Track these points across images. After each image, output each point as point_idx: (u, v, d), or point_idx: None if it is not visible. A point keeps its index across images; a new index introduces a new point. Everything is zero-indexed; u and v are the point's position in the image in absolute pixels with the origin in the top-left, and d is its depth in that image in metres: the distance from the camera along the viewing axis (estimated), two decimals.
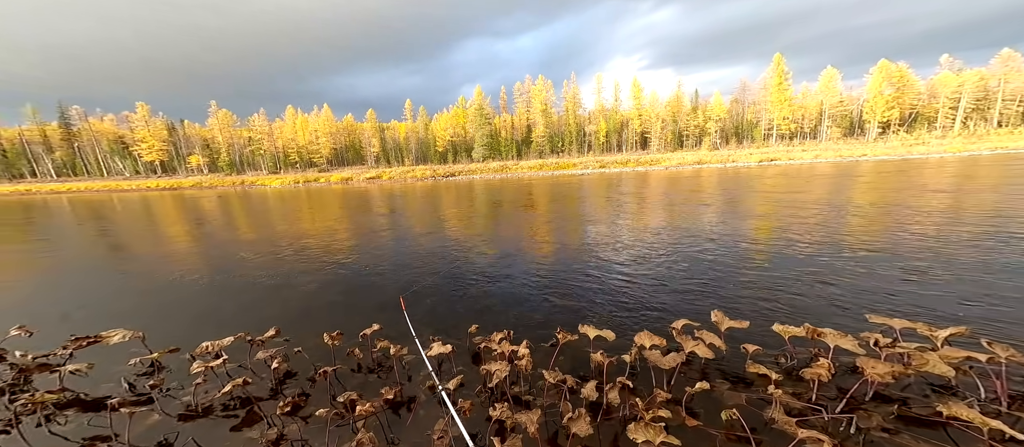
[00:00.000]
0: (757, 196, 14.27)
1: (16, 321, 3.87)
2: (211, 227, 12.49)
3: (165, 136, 61.79)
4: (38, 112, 61.00)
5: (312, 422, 2.65)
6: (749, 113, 60.78)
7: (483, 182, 31.52)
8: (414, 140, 68.49)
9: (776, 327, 3.29)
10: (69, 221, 15.79)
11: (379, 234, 10.01)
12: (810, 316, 4.07)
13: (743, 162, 37.17)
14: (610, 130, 63.21)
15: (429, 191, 24.77)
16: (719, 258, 6.44)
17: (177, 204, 22.11)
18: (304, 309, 4.98)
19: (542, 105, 62.03)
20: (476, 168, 45.69)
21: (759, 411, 2.69)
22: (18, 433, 2.62)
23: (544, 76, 63.31)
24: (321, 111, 65.98)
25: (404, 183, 35.01)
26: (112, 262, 8.31)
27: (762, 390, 2.91)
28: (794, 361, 3.29)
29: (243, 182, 44.69)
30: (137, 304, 5.54)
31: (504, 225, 10.72)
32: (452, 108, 67.76)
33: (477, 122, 60.34)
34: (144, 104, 59.65)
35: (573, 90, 63.48)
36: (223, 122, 63.31)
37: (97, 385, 3.28)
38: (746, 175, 24.29)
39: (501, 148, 63.94)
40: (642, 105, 62.20)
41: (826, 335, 3.00)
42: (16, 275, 7.50)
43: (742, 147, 54.68)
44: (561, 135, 64.35)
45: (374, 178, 42.19)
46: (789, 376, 3.08)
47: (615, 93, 64.72)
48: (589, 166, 41.15)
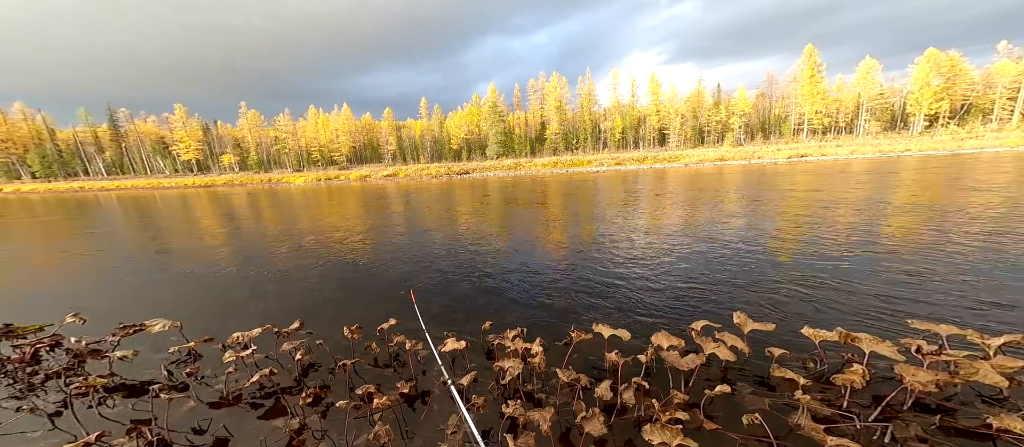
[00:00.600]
0: (783, 194, 13.63)
1: (72, 306, 4.21)
2: (243, 223, 13.12)
3: (200, 136, 65.35)
4: (90, 114, 65.89)
5: (332, 413, 2.74)
6: (777, 107, 58.05)
7: (497, 180, 31.59)
8: (429, 138, 69.48)
9: (805, 330, 3.14)
10: (119, 217, 16.97)
11: (396, 231, 10.23)
12: (842, 322, 3.86)
13: (769, 158, 35.53)
14: (626, 127, 61.91)
15: (443, 189, 25.09)
16: (743, 259, 6.21)
17: (212, 201, 23.37)
18: (325, 302, 5.16)
19: (556, 102, 61.46)
20: (490, 166, 45.78)
21: (784, 417, 2.58)
22: (72, 413, 2.84)
23: (559, 73, 62.82)
24: (341, 110, 67.97)
25: (419, 181, 35.59)
26: (156, 254, 8.87)
27: (788, 395, 2.79)
28: (824, 366, 3.13)
29: (270, 180, 46.64)
30: (177, 293, 5.89)
31: (517, 223, 10.72)
32: (466, 106, 68.19)
33: (491, 120, 60.52)
34: (181, 106, 63.31)
35: (588, 86, 62.53)
36: (252, 122, 66.30)
37: (141, 371, 3.51)
38: (772, 172, 23.24)
39: (515, 146, 63.90)
40: (660, 101, 60.50)
41: (861, 340, 2.83)
42: (73, 265, 8.13)
43: (768, 143, 52.31)
44: (575, 132, 63.58)
45: (391, 176, 43.03)
46: (818, 382, 2.93)
47: (632, 88, 63.25)
48: (604, 163, 40.40)
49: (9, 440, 2.63)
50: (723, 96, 60.91)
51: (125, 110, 66.46)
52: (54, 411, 2.92)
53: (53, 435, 2.66)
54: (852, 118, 53.72)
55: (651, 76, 60.07)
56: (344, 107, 68.28)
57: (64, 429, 2.72)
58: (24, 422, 2.81)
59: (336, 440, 2.45)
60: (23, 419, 2.84)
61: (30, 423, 2.80)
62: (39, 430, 2.72)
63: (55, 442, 2.54)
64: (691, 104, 59.54)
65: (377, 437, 2.13)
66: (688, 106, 59.40)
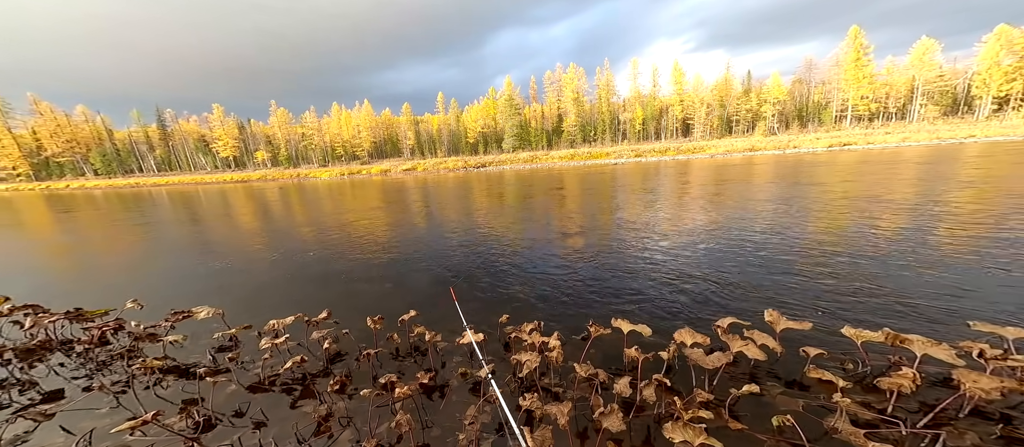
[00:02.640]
0: (821, 185, 12.76)
1: (132, 294, 4.61)
2: (276, 216, 13.84)
3: (236, 134, 69.26)
4: (141, 116, 71.26)
5: (356, 400, 2.85)
6: (816, 94, 54.23)
7: (513, 173, 31.51)
8: (446, 132, 70.23)
9: (846, 330, 2.94)
10: (168, 210, 18.35)
11: (415, 224, 10.44)
12: (888, 323, 3.59)
13: (807, 147, 33.31)
14: (647, 117, 59.93)
15: (460, 182, 25.36)
16: (774, 254, 5.89)
17: (248, 195, 24.78)
18: (350, 292, 5.36)
19: (573, 94, 60.31)
20: (506, 159, 45.74)
21: (818, 419, 2.44)
22: (133, 393, 3.12)
23: (578, 64, 61.75)
24: (362, 107, 69.81)
25: (437, 174, 36.08)
26: (201, 245, 9.54)
27: (824, 397, 2.64)
28: (867, 369, 2.93)
29: (298, 175, 48.82)
30: (219, 282, 6.31)
31: (534, 215, 10.66)
32: (482, 100, 68.30)
33: (507, 113, 60.37)
34: (219, 106, 67.30)
35: (606, 77, 60.87)
36: (281, 120, 69.51)
37: (189, 354, 3.79)
38: (810, 162, 21.80)
39: (531, 138, 63.48)
40: (684, 90, 57.96)
41: (912, 342, 2.62)
42: (132, 253, 8.88)
43: (806, 131, 49.05)
44: (593, 124, 62.24)
45: (409, 170, 43.93)
46: (859, 385, 2.75)
47: (653, 78, 61.02)
48: (624, 155, 39.23)
49: (78, 416, 2.89)
50: (754, 84, 57.59)
51: (171, 111, 71.54)
52: (118, 390, 3.20)
53: (116, 412, 2.90)
54: (905, 103, 49.34)
55: (674, 64, 57.68)
56: (365, 104, 70.18)
57: (126, 407, 2.98)
58: (92, 400, 3.09)
59: (360, 427, 2.55)
60: (91, 397, 3.13)
61: (96, 400, 3.08)
62: (104, 408, 2.97)
63: (117, 419, 2.77)
64: (718, 93, 56.70)
65: (398, 425, 2.20)
66: (714, 95, 56.61)
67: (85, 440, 2.54)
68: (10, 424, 2.75)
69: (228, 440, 2.49)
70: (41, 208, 22.11)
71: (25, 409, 2.98)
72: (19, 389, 3.32)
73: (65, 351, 3.97)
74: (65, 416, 2.88)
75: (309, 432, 2.53)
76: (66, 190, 44.99)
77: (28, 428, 2.73)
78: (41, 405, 3.06)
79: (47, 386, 3.34)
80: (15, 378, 3.47)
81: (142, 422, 2.25)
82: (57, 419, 2.82)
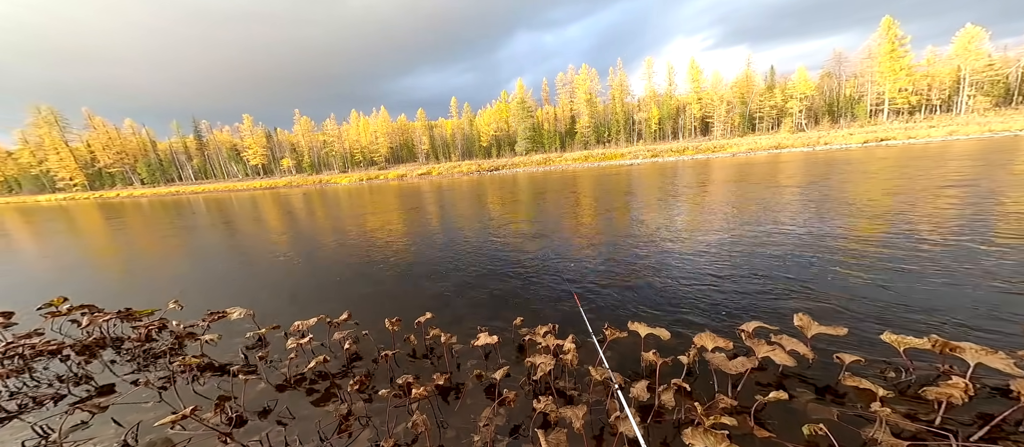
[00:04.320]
0: (856, 182, 12.06)
1: (173, 294, 4.93)
2: (301, 222, 14.44)
3: (264, 142, 72.76)
4: (180, 127, 76.14)
5: (375, 401, 2.93)
6: (847, 88, 51.36)
7: (526, 175, 31.54)
8: (460, 136, 71.08)
9: (887, 336, 2.77)
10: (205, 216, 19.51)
11: (431, 228, 10.62)
12: (936, 329, 3.35)
13: (840, 143, 31.51)
14: (663, 117, 58.53)
15: (474, 185, 25.66)
16: (805, 256, 5.62)
17: (275, 201, 25.96)
18: (368, 294, 5.52)
19: (586, 95, 59.80)
20: (519, 162, 45.81)
21: (854, 428, 2.31)
22: (174, 389, 3.33)
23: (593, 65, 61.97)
24: (379, 113, 71.87)
25: (451, 178, 36.57)
26: (234, 249, 10.09)
27: (861, 407, 2.50)
28: (911, 378, 2.75)
29: (321, 181, 50.71)
30: (251, 284, 6.65)
31: (547, 218, 10.61)
32: (495, 103, 68.76)
33: (519, 116, 60.59)
34: (248, 116, 71.09)
35: (619, 77, 59.97)
36: (304, 128, 72.52)
37: (223, 353, 4.01)
38: (843, 159, 20.66)
39: (544, 141, 63.34)
40: (702, 87, 56.27)
41: (964, 350, 2.44)
42: (175, 257, 9.51)
43: (837, 127, 46.49)
44: (607, 125, 61.40)
45: (425, 174, 44.75)
46: (902, 395, 2.59)
47: (669, 76, 59.56)
48: (639, 155, 38.39)
49: (127, 409, 3.11)
50: (778, 79, 55.20)
51: (206, 122, 76.04)
52: (161, 385, 3.42)
53: (160, 407, 3.10)
54: (950, 94, 45.96)
55: (691, 62, 56.16)
56: (382, 110, 72.24)
57: (168, 402, 3.18)
58: (138, 394, 3.33)
59: (378, 427, 2.62)
60: (138, 391, 3.37)
61: (143, 395, 3.30)
62: (149, 402, 3.18)
63: (161, 413, 2.96)
64: (739, 89, 54.71)
65: (415, 426, 2.25)
66: (735, 92, 54.64)
67: (132, 433, 2.73)
68: (69, 415, 2.99)
69: (257, 436, 2.61)
70: (96, 216, 23.99)
71: (82, 402, 3.24)
72: (76, 382, 3.61)
73: (116, 348, 4.29)
74: (115, 409, 3.11)
75: (330, 430, 2.62)
76: (117, 199, 48.61)
77: (84, 419, 2.97)
78: (96, 398, 3.31)
79: (100, 380, 3.62)
80: (73, 372, 3.78)
81: (182, 417, 2.41)
82: (109, 412, 3.05)
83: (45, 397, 3.37)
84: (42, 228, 18.26)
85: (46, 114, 64.24)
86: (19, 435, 2.80)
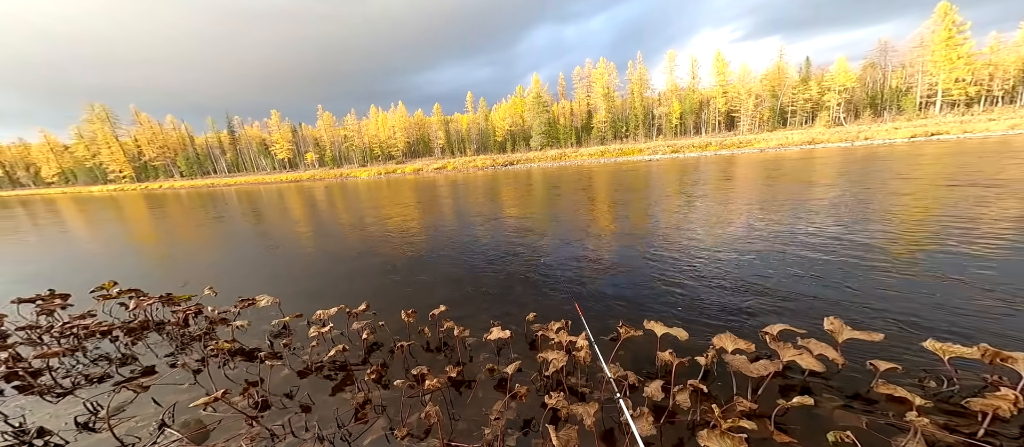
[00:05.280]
0: (898, 179, 11.23)
1: (208, 280, 5.24)
2: (323, 214, 14.96)
3: (290, 137, 75.59)
4: (215, 123, 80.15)
5: (390, 390, 3.01)
6: (894, 79, 47.66)
7: (541, 171, 31.22)
8: (475, 131, 71.19)
9: (930, 344, 2.59)
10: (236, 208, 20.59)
11: (445, 222, 10.73)
12: (985, 338, 3.10)
13: (883, 138, 29.24)
14: (685, 111, 56.36)
15: (489, 180, 25.70)
16: (838, 258, 5.31)
17: (300, 193, 27.00)
18: (386, 285, 5.66)
19: (604, 89, 58.36)
20: (534, 157, 45.32)
21: (885, 438, 2.19)
22: (207, 372, 3.55)
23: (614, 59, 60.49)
24: (397, 108, 72.92)
25: (466, 173, 36.73)
26: (262, 238, 10.60)
27: (894, 415, 2.36)
28: (954, 387, 2.57)
29: (341, 174, 52.22)
30: (277, 272, 6.98)
31: (561, 213, 10.49)
32: (510, 98, 68.29)
33: (535, 110, 60.03)
34: (276, 112, 74.00)
35: (639, 71, 58.08)
36: (327, 123, 74.76)
37: (251, 339, 4.23)
38: (886, 155, 19.28)
39: (560, 136, 62.57)
40: (728, 80, 53.69)
41: (1016, 360, 2.25)
42: (210, 245, 10.11)
43: (881, 120, 43.30)
44: (625, 120, 59.83)
45: (440, 168, 45.16)
46: (942, 405, 2.43)
47: (692, 69, 57.15)
48: (658, 151, 36.97)
49: (165, 389, 3.33)
50: (814, 71, 51.90)
51: (238, 117, 79.72)
52: (196, 368, 3.65)
53: (194, 388, 3.31)
54: (1015, 85, 41.79)
55: (716, 55, 53.61)
56: (399, 105, 73.28)
57: (201, 384, 3.38)
58: (175, 375, 3.57)
59: (393, 416, 2.70)
60: (175, 373, 3.61)
61: (180, 376, 3.54)
62: (185, 383, 3.40)
63: (195, 395, 3.16)
64: (769, 82, 51.93)
65: (428, 416, 2.30)
66: (765, 85, 51.87)
67: (169, 413, 2.93)
68: (116, 394, 3.25)
69: (280, 421, 2.75)
70: (142, 206, 25.78)
71: (127, 381, 3.52)
72: (122, 362, 3.91)
73: (158, 331, 4.62)
74: (156, 389, 3.35)
75: (348, 418, 2.72)
76: (160, 190, 51.97)
77: (129, 398, 3.21)
78: (139, 379, 3.58)
79: (144, 361, 3.90)
80: (120, 353, 4.10)
81: (213, 399, 2.56)
82: (150, 391, 3.29)
83: (96, 375, 3.68)
84: (96, 217, 19.80)
85: (99, 111, 69.30)
86: (72, 410, 3.06)
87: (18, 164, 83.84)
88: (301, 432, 2.61)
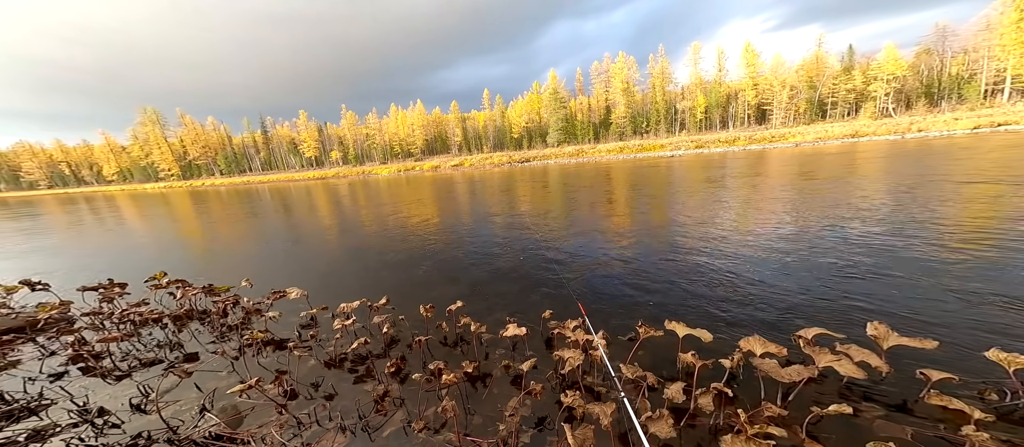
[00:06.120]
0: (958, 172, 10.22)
1: (245, 271, 5.54)
2: (347, 209, 15.51)
3: (316, 136, 78.74)
4: (250, 123, 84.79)
5: (408, 384, 3.08)
6: (953, 66, 43.26)
7: (557, 167, 30.89)
8: (491, 128, 71.22)
9: (993, 353, 2.36)
10: (269, 204, 21.77)
11: (463, 218, 10.83)
12: None
13: (939, 130, 26.66)
14: (711, 105, 53.75)
15: (505, 176, 25.75)
16: (884, 258, 4.92)
17: (326, 190, 28.12)
18: (405, 280, 5.79)
19: (623, 84, 56.68)
20: (550, 153, 44.85)
21: None
22: (243, 360, 3.77)
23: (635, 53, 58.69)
24: (415, 106, 74.15)
25: (483, 169, 36.87)
26: (291, 232, 11.16)
27: (945, 428, 2.19)
28: (1019, 401, 2.33)
29: (364, 172, 53.90)
30: (309, 265, 7.32)
31: (578, 209, 10.30)
32: (527, 94, 67.69)
33: (552, 107, 59.38)
34: (304, 112, 77.42)
35: (661, 65, 55.87)
36: (350, 122, 77.28)
37: (281, 329, 4.45)
38: (943, 149, 17.61)
39: (577, 132, 61.47)
40: (758, 72, 50.65)
41: None
42: (245, 239, 10.75)
43: (937, 111, 39.51)
44: (645, 115, 57.87)
45: (457, 165, 45.66)
46: (1003, 419, 2.22)
47: (719, 62, 54.29)
48: (681, 146, 35.44)
49: (206, 376, 3.54)
50: (859, 59, 48.02)
51: (270, 118, 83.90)
52: (233, 356, 3.88)
53: (231, 375, 3.51)
54: None
55: (746, 45, 50.68)
56: (418, 103, 74.52)
57: (238, 371, 3.59)
58: (215, 362, 3.81)
59: (410, 409, 2.76)
60: (215, 360, 3.86)
61: (219, 363, 3.77)
62: (223, 371, 3.61)
63: (231, 382, 3.36)
64: (806, 72, 48.56)
65: (444, 411, 2.33)
66: (802, 75, 48.58)
67: (209, 398, 3.14)
68: (164, 378, 3.52)
69: (306, 409, 2.88)
70: (187, 202, 27.75)
71: (173, 366, 3.80)
72: (170, 349, 4.23)
73: (201, 319, 4.95)
74: (198, 375, 3.59)
75: (368, 409, 2.81)
76: (202, 187, 55.71)
77: (175, 383, 3.47)
78: (184, 364, 3.86)
79: (188, 348, 4.20)
80: (169, 339, 4.43)
81: (248, 387, 2.72)
82: (193, 377, 3.54)
83: (148, 360, 4.00)
84: (148, 211, 21.50)
85: (150, 114, 75.10)
86: (128, 392, 3.34)
87: (83, 164, 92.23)
88: (325, 421, 2.72)
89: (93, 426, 2.84)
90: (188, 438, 2.58)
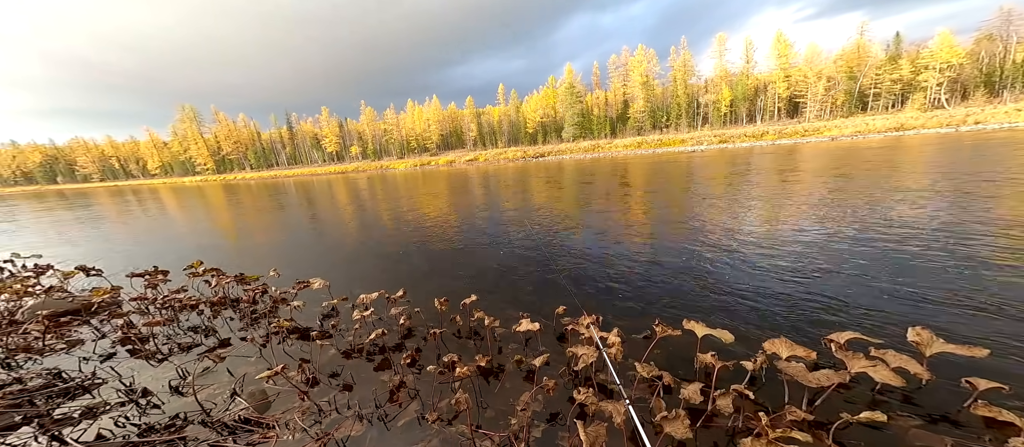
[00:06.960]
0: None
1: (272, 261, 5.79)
2: (366, 203, 15.91)
3: (337, 131, 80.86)
4: (277, 120, 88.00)
5: (423, 375, 3.14)
6: (1018, 52, 38.94)
7: (573, 162, 30.38)
8: (506, 123, 70.64)
9: None
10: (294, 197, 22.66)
11: (477, 215, 10.85)
12: None
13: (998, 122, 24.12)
14: (736, 98, 50.88)
15: (519, 171, 25.61)
16: (928, 258, 4.57)
17: (346, 184, 28.93)
18: (421, 272, 5.89)
19: (642, 77, 54.48)
20: (565, 148, 44.12)
21: None
22: (270, 347, 3.96)
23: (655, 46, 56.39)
24: (431, 102, 74.48)
25: (497, 164, 36.77)
26: (315, 224, 11.58)
27: (990, 439, 2.04)
28: None
29: (382, 166, 55.07)
30: (325, 256, 7.59)
31: (594, 206, 10.09)
32: (542, 89, 66.48)
33: (567, 101, 58.18)
34: (326, 108, 79.73)
35: (682, 57, 53.24)
36: (369, 117, 78.86)
37: (305, 318, 4.62)
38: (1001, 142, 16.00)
39: (593, 127, 59.96)
40: (790, 63, 47.36)
41: None
42: (273, 230, 11.26)
43: (998, 101, 35.83)
44: (666, 109, 55.55)
45: (472, 160, 45.82)
46: None
47: (747, 53, 51.04)
48: (704, 141, 33.83)
49: (237, 361, 3.73)
50: (906, 47, 44.01)
51: (295, 114, 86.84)
52: (261, 343, 4.08)
53: (259, 362, 3.69)
54: None
55: (777, 35, 47.49)
56: (434, 99, 74.85)
57: (265, 358, 3.76)
58: (244, 348, 4.02)
59: (425, 400, 2.82)
60: (245, 346, 4.07)
61: (248, 349, 3.98)
62: (252, 357, 3.80)
63: (259, 368, 3.52)
64: (846, 62, 45.02)
65: (457, 403, 2.37)
66: (841, 66, 45.10)
67: (240, 383, 3.33)
68: (200, 362, 3.76)
69: (326, 397, 3.00)
70: (221, 195, 29.32)
71: (209, 351, 4.04)
72: (206, 334, 4.50)
73: (232, 307, 5.24)
74: (230, 360, 3.81)
75: (384, 399, 2.89)
76: (235, 181, 58.65)
77: (210, 367, 3.70)
78: (218, 350, 4.10)
79: (221, 334, 4.45)
80: (204, 325, 4.72)
81: (274, 373, 2.86)
82: (226, 362, 3.75)
83: (186, 344, 4.27)
84: (186, 203, 22.88)
85: (188, 111, 79.42)
86: (167, 374, 3.59)
87: (130, 158, 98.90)
88: (344, 409, 2.82)
89: (137, 406, 3.08)
90: (219, 421, 2.74)
